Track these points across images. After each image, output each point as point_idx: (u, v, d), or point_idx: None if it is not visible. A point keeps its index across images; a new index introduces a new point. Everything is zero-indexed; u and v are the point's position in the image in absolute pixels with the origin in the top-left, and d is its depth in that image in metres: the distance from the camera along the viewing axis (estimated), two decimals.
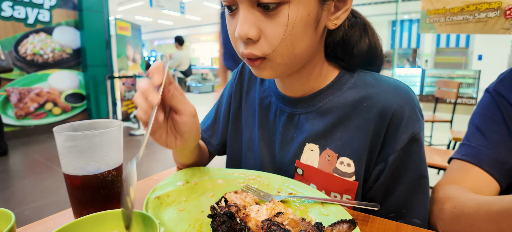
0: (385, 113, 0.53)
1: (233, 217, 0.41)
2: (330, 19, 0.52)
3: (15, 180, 2.90)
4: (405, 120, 0.52)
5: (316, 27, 0.50)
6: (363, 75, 0.59)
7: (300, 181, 0.60)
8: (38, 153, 3.68)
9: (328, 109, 0.58)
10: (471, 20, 2.46)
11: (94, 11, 4.90)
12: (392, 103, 0.53)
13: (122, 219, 0.36)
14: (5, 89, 4.19)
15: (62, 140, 0.45)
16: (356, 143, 0.55)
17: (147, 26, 16.71)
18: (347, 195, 0.56)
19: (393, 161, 0.53)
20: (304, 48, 0.50)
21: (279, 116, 0.64)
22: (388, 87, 0.55)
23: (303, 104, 0.61)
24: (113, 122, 0.50)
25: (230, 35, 0.53)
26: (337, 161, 0.56)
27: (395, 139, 0.53)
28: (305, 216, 0.48)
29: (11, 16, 4.18)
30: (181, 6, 7.32)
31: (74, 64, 4.93)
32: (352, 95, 0.57)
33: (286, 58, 0.50)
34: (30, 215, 2.18)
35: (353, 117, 0.56)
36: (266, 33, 0.48)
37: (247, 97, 0.73)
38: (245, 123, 0.72)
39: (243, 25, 0.47)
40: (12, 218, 0.35)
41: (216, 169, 0.63)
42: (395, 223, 0.48)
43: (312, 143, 0.59)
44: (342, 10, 0.52)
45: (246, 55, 0.50)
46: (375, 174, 0.56)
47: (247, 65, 0.74)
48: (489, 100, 0.58)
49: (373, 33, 0.60)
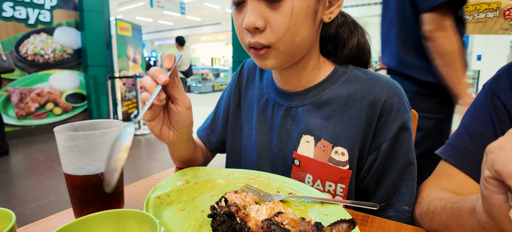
0: (376, 104, 0.58)
1: (233, 217, 0.41)
2: (325, 13, 0.58)
3: (16, 180, 2.90)
4: (395, 110, 0.57)
5: (314, 19, 0.56)
6: (356, 70, 0.64)
7: (297, 171, 0.63)
8: (39, 153, 3.68)
9: (324, 101, 0.62)
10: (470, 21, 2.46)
11: (94, 11, 4.90)
12: (382, 95, 0.58)
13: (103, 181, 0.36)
14: (6, 89, 4.19)
15: (63, 140, 0.45)
16: (349, 132, 0.59)
17: (148, 26, 16.73)
18: (341, 183, 0.60)
19: (385, 149, 0.57)
20: (305, 37, 0.55)
21: (276, 110, 0.68)
22: (378, 81, 0.60)
23: (300, 97, 0.65)
24: (114, 122, 0.51)
25: (237, 27, 0.58)
26: (332, 150, 0.60)
27: (387, 128, 0.58)
28: (305, 215, 0.48)
29: (12, 16, 4.19)
30: (181, 7, 7.33)
31: (75, 64, 4.93)
32: (346, 88, 0.61)
33: (288, 46, 0.55)
34: (31, 215, 2.19)
35: (347, 108, 0.60)
36: (271, 22, 0.53)
37: (246, 95, 0.76)
38: (243, 120, 0.75)
39: (250, 16, 0.52)
40: (12, 217, 0.35)
41: (216, 169, 0.63)
42: (394, 223, 0.48)
43: (308, 134, 0.62)
44: (335, 6, 0.58)
45: (252, 44, 0.55)
46: (368, 164, 0.60)
47: (245, 67, 0.79)
48: (483, 98, 0.58)
49: (362, 31, 0.66)
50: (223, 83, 12.29)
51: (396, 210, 0.58)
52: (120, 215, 0.37)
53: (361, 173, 0.61)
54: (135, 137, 4.49)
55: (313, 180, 0.61)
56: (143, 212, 0.36)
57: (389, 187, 0.58)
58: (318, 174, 0.61)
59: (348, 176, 0.59)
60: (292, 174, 0.64)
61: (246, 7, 0.54)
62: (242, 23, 0.54)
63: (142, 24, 13.64)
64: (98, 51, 5.01)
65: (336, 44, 0.66)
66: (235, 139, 0.77)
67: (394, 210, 0.58)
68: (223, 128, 0.79)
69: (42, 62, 4.55)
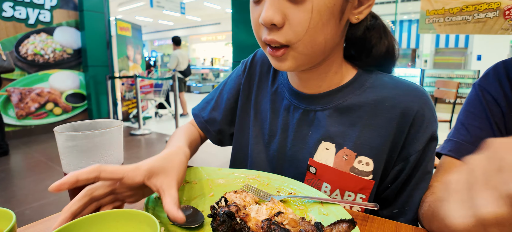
0: (408, 114, 0.54)
1: (233, 217, 0.41)
2: (353, 13, 0.52)
3: (16, 179, 2.90)
4: (426, 121, 0.54)
5: (340, 18, 0.50)
6: (381, 75, 0.60)
7: (312, 179, 0.60)
8: (39, 153, 3.68)
9: (348, 107, 0.58)
10: (470, 21, 2.46)
11: (94, 11, 4.90)
12: (414, 105, 0.54)
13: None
14: (6, 89, 4.19)
15: (63, 140, 0.45)
16: (376, 142, 0.55)
17: (148, 26, 16.73)
18: (362, 194, 0.56)
19: (413, 160, 0.55)
20: (328, 38, 0.50)
21: (293, 112, 0.63)
22: (408, 89, 0.56)
23: (320, 101, 0.60)
24: (114, 122, 0.51)
25: (253, 23, 0.53)
26: (355, 160, 0.56)
27: (417, 140, 0.54)
28: (305, 215, 0.48)
29: (12, 16, 4.19)
30: (181, 7, 7.33)
31: (75, 64, 4.93)
32: (373, 94, 0.57)
33: (309, 47, 0.50)
34: (31, 215, 2.18)
35: (374, 116, 0.56)
36: (291, 19, 0.47)
37: (258, 91, 0.71)
38: (254, 118, 0.70)
39: (268, 10, 0.47)
40: (12, 217, 0.35)
41: (216, 169, 0.63)
42: (394, 223, 0.48)
43: (328, 141, 0.58)
44: (365, 5, 0.52)
45: (268, 41, 0.50)
46: (393, 174, 0.56)
47: (258, 59, 0.73)
48: (474, 96, 0.60)
49: (392, 37, 0.60)
50: None
51: (406, 219, 0.56)
52: (120, 215, 0.37)
53: (385, 182, 0.57)
54: (135, 137, 4.49)
55: (331, 189, 0.58)
56: (143, 212, 0.36)
57: (407, 196, 0.56)
58: (337, 183, 0.57)
59: (370, 187, 0.56)
60: (306, 181, 0.61)
61: (264, 0, 0.48)
62: (259, 17, 0.49)
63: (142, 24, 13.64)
64: (98, 51, 5.01)
65: (361, 48, 0.60)
66: (243, 137, 0.72)
67: (404, 218, 0.56)
68: (224, 120, 0.74)
69: (42, 62, 4.55)
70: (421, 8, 2.85)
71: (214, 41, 17.09)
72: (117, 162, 0.49)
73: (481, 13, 2.44)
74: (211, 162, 3.27)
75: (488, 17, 2.42)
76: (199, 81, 12.09)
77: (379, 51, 0.59)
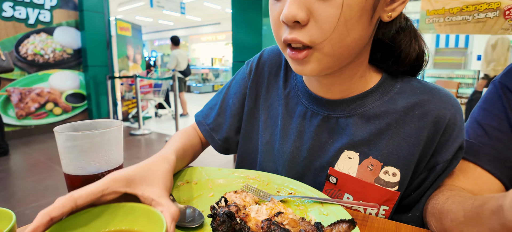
0: (440, 122, 0.51)
1: (233, 217, 0.41)
2: (386, 10, 0.47)
3: (15, 179, 2.90)
4: (457, 129, 0.51)
5: (371, 16, 0.45)
6: (408, 80, 0.56)
7: (332, 189, 0.57)
8: (39, 153, 3.68)
9: (375, 114, 0.54)
10: (470, 21, 2.46)
11: (94, 11, 4.90)
12: (447, 112, 0.51)
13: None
14: (6, 89, 4.19)
15: (63, 140, 0.45)
16: (405, 151, 0.52)
17: (148, 26, 16.73)
18: (385, 205, 0.53)
19: (440, 169, 0.52)
20: (357, 37, 0.45)
21: (310, 118, 0.59)
22: (439, 95, 0.52)
23: (343, 107, 0.56)
24: (114, 122, 0.51)
25: (273, 20, 0.48)
26: (381, 170, 0.53)
27: (446, 149, 0.51)
28: (305, 215, 0.48)
29: (12, 16, 4.19)
30: (181, 7, 7.33)
31: (74, 64, 4.93)
32: (402, 101, 0.53)
33: (336, 48, 0.44)
34: (31, 215, 2.18)
35: (404, 124, 0.52)
36: (317, 15, 0.42)
37: (267, 95, 0.66)
38: (263, 123, 0.65)
39: (291, 6, 0.42)
40: (12, 217, 0.35)
41: (216, 169, 0.63)
42: (394, 223, 0.48)
43: (351, 150, 0.54)
44: (398, 2, 0.47)
45: (289, 40, 0.45)
46: (417, 182, 0.54)
47: (266, 58, 0.67)
48: (494, 93, 0.56)
49: (422, 41, 0.56)
50: (223, 83, 12.29)
51: (415, 222, 0.54)
52: (118, 211, 0.37)
53: (407, 190, 0.54)
54: (135, 137, 4.49)
55: (354, 200, 0.55)
56: (150, 207, 0.36)
57: (423, 201, 0.54)
58: (360, 195, 0.54)
59: (395, 198, 0.53)
60: (324, 191, 0.57)
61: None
62: (280, 15, 0.44)
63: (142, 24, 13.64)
64: (98, 51, 5.01)
65: (389, 52, 0.55)
66: (251, 143, 0.67)
67: (413, 222, 0.54)
68: (230, 126, 0.69)
69: (42, 62, 4.55)
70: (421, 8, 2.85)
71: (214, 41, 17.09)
72: (117, 162, 0.49)
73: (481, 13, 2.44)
74: (211, 162, 3.27)
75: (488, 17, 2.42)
76: (199, 81, 12.10)
77: (408, 57, 0.54)
